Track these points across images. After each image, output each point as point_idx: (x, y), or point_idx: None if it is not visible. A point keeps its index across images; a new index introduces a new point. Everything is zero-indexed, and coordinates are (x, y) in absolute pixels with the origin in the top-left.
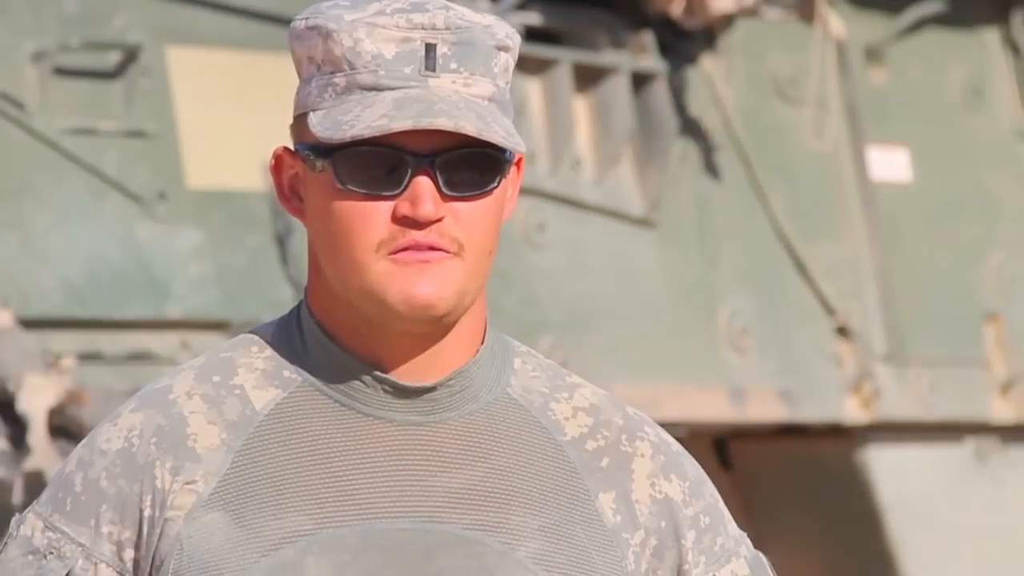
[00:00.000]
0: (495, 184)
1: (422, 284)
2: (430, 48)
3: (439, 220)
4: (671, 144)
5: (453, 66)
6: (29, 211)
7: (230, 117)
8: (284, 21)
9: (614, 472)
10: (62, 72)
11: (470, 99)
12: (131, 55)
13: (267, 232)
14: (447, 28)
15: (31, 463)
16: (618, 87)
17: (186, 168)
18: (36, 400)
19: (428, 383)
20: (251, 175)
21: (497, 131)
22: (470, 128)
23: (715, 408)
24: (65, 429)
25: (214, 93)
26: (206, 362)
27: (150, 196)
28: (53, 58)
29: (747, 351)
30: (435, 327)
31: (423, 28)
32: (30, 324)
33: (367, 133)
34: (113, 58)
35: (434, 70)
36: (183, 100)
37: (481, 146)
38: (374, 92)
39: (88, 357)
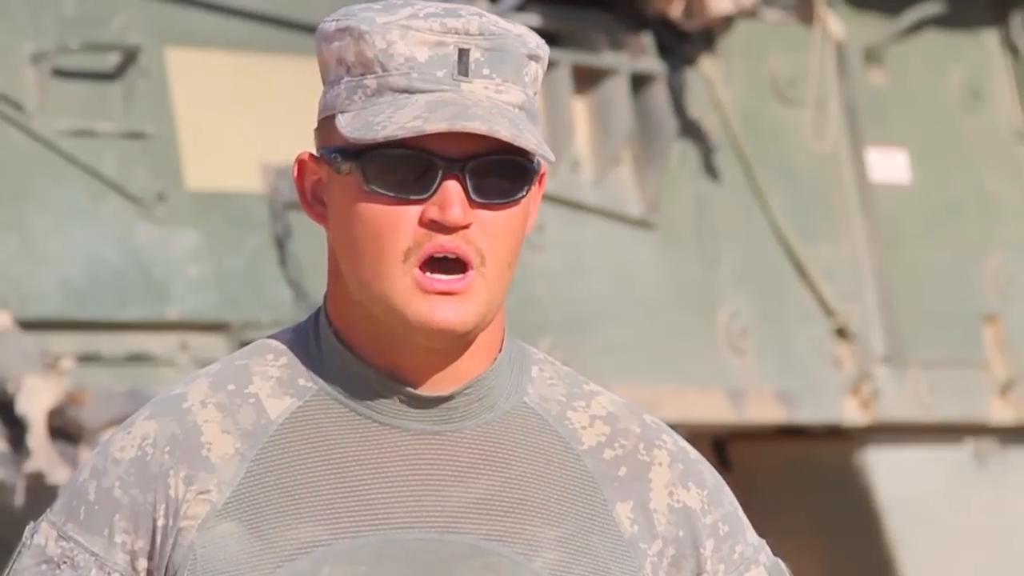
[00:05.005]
0: (523, 193)
1: (443, 310)
2: (463, 53)
3: (466, 227)
4: (670, 145)
5: (486, 72)
6: (28, 212)
7: (229, 118)
8: (283, 23)
9: (632, 481)
10: (61, 73)
11: (502, 105)
12: (130, 56)
13: (266, 234)
14: (480, 34)
15: (31, 465)
16: (617, 88)
17: (185, 169)
18: (35, 401)
19: (445, 392)
20: (250, 177)
21: (529, 138)
22: (504, 133)
23: (714, 409)
24: (65, 431)
25: (213, 94)
26: (221, 370)
27: (149, 197)
28: (52, 59)
29: (746, 352)
30: (456, 344)
31: (457, 33)
32: (29, 325)
33: (400, 134)
34: (112, 59)
35: (467, 75)
36: (182, 101)
37: (511, 153)
38: (406, 95)
39: (87, 358)
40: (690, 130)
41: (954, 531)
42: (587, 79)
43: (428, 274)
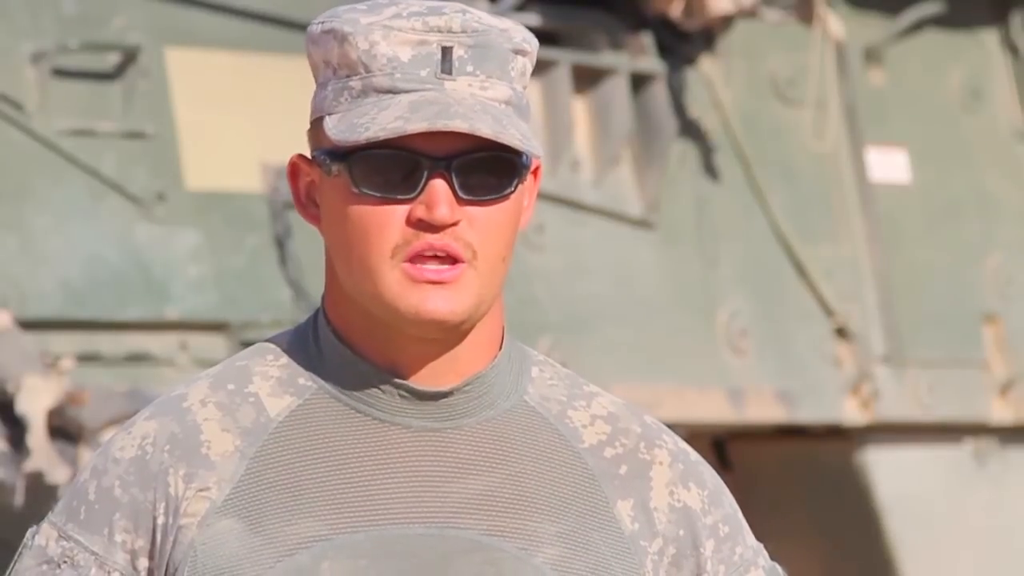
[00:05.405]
0: (511, 189)
1: (434, 300)
2: (446, 51)
3: (454, 224)
4: (670, 145)
5: (469, 69)
6: (28, 212)
7: (229, 118)
8: (283, 23)
9: (632, 480)
10: (61, 73)
11: (486, 102)
12: (130, 56)
13: (266, 233)
14: (463, 31)
15: (31, 464)
16: (617, 88)
17: (185, 169)
18: (35, 401)
19: (444, 387)
20: (250, 176)
21: (513, 134)
22: (486, 130)
23: (714, 409)
24: (64, 430)
25: (213, 94)
26: (221, 371)
27: (149, 197)
28: (52, 59)
29: (746, 352)
30: (450, 335)
31: (439, 31)
32: (29, 325)
33: (382, 135)
34: (112, 59)
35: (450, 73)
36: (182, 101)
37: (497, 149)
38: (390, 95)
39: (87, 358)
40: (690, 130)
41: (954, 531)
42: (587, 79)
43: (417, 265)
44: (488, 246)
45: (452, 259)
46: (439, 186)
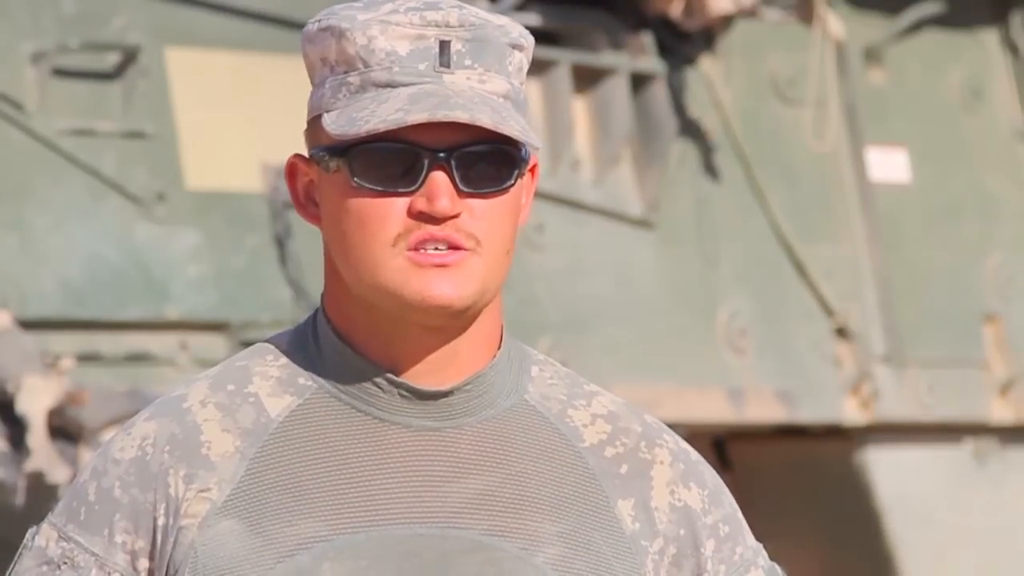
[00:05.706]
0: (511, 181)
1: (440, 284)
2: (444, 45)
3: (455, 216)
4: (670, 145)
5: (468, 62)
6: (28, 212)
7: (229, 118)
8: (283, 22)
9: (633, 479)
10: (61, 73)
11: (485, 95)
12: (130, 56)
13: (266, 233)
14: (461, 25)
15: (31, 464)
16: (617, 88)
17: (185, 169)
18: (35, 401)
19: (445, 387)
20: (250, 176)
21: (513, 125)
22: (486, 120)
23: (714, 409)
24: (65, 430)
25: (213, 94)
26: (221, 371)
27: (149, 197)
28: (52, 59)
29: (746, 352)
30: (453, 321)
31: (437, 25)
32: (29, 325)
33: (382, 127)
34: (112, 59)
35: (449, 66)
36: (182, 101)
37: (497, 142)
38: (388, 89)
39: (87, 358)
40: (690, 130)
41: (954, 531)
42: (587, 79)
43: (421, 251)
44: (491, 237)
45: (455, 248)
46: (440, 178)
